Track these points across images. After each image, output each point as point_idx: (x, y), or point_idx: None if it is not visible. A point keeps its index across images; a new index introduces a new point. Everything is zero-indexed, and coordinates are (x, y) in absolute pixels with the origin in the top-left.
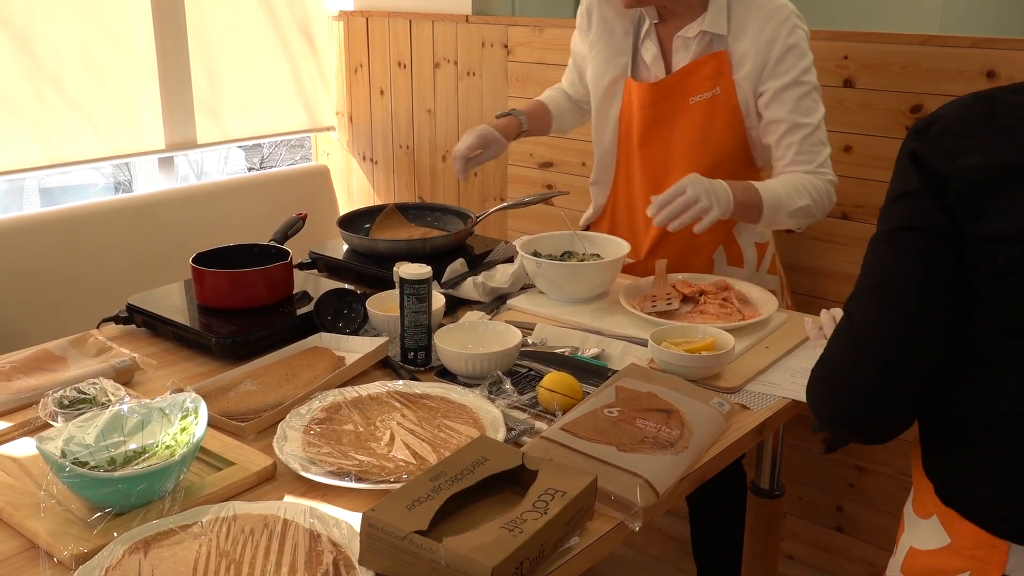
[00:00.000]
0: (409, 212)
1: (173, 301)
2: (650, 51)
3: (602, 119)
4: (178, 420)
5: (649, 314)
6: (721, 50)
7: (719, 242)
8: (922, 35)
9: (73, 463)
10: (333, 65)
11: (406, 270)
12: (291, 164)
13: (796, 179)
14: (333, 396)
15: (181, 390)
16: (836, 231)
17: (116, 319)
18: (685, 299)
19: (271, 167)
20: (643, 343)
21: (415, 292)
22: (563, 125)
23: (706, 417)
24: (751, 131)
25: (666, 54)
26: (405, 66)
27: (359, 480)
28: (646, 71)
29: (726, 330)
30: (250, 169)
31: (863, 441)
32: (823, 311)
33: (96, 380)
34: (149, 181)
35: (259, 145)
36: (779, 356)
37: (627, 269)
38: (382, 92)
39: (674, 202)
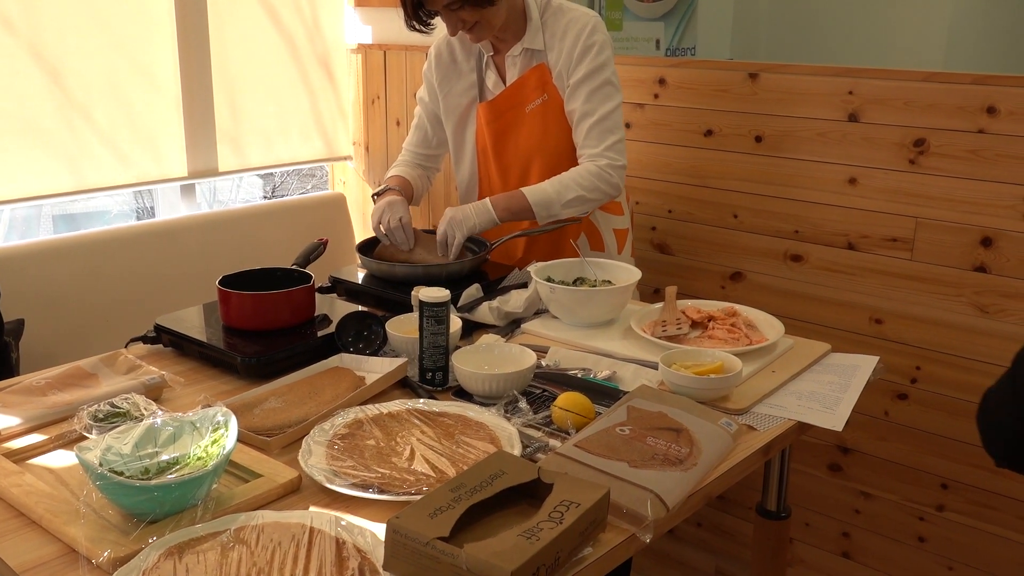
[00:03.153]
0: (426, 236)
1: (199, 322)
2: (491, 78)
3: (460, 144)
4: (209, 433)
5: (659, 338)
6: (541, 62)
7: (581, 230)
8: (925, 72)
9: (110, 472)
10: (351, 96)
11: (426, 293)
12: (303, 192)
13: (568, 175)
14: (355, 413)
15: (210, 405)
16: (842, 261)
17: (144, 339)
18: (694, 324)
19: (283, 195)
20: (654, 366)
21: (434, 314)
22: (419, 196)
23: (714, 436)
24: None
25: (503, 77)
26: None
27: (381, 492)
28: (490, 95)
29: (734, 354)
30: (263, 197)
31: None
32: None
33: (128, 395)
34: (171, 208)
35: (271, 174)
36: (785, 380)
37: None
38: (398, 123)
39: (445, 244)
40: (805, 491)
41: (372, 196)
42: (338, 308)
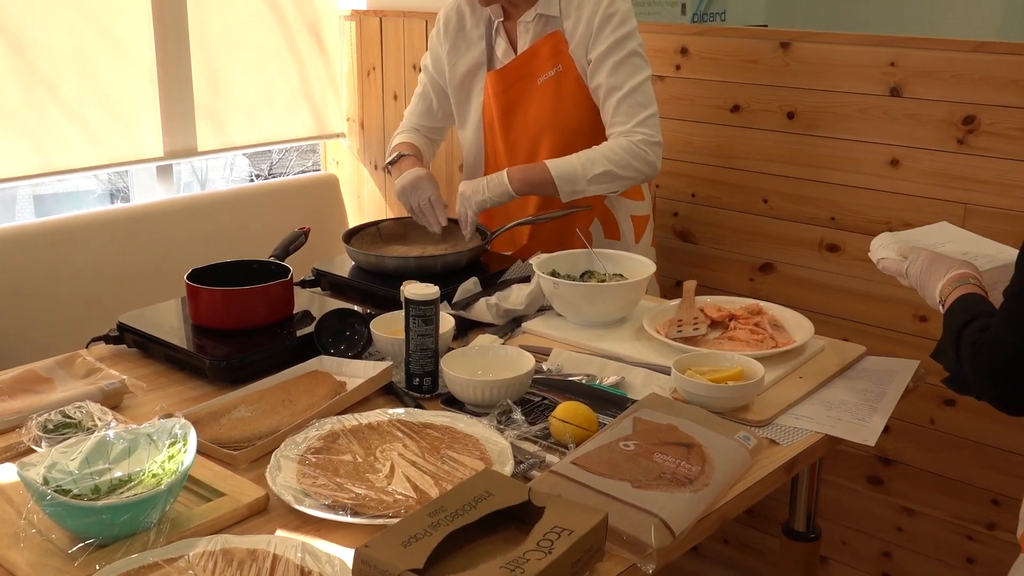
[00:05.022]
0: (421, 227)
1: (167, 320)
2: (501, 45)
3: (464, 117)
4: (166, 447)
5: (674, 340)
6: (556, 30)
7: (594, 216)
8: (975, 41)
9: (55, 491)
10: (344, 67)
11: (412, 290)
12: (302, 171)
13: (597, 148)
14: (332, 424)
15: (170, 415)
16: None
17: (106, 338)
18: (714, 324)
19: (280, 174)
20: (667, 371)
21: (421, 314)
22: (427, 163)
23: (730, 452)
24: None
25: (514, 45)
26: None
27: (355, 514)
28: (499, 64)
29: (756, 358)
30: (257, 176)
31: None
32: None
33: (82, 403)
34: (147, 191)
35: (268, 151)
36: (813, 387)
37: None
38: (396, 96)
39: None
40: (841, 506)
41: (385, 167)
42: (323, 305)
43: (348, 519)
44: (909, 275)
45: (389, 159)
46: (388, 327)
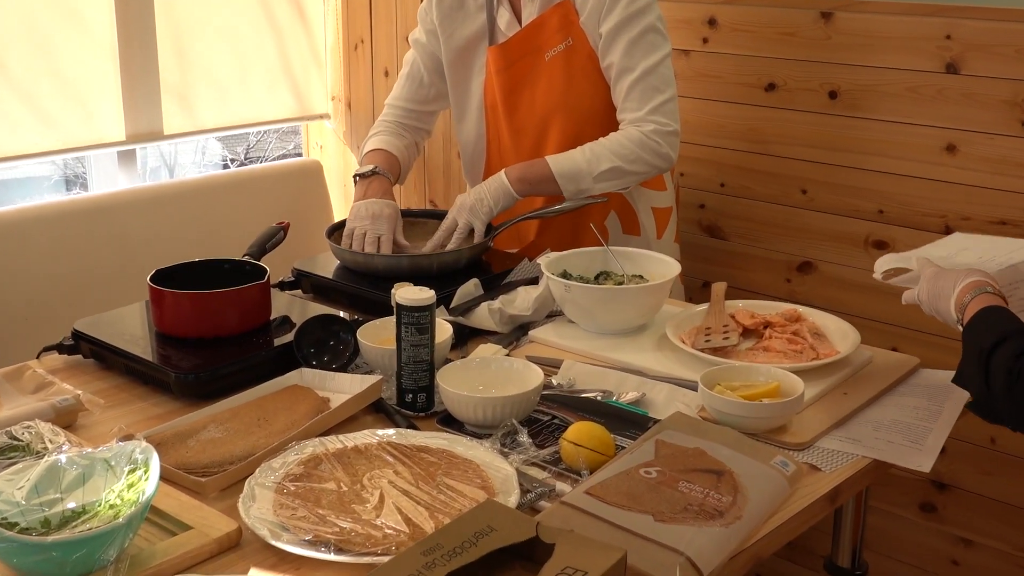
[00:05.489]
0: (416, 221)
1: (129, 327)
2: (504, 16)
3: (464, 98)
4: (125, 474)
5: (701, 350)
6: None
7: (610, 208)
8: None
9: (0, 524)
10: (328, 41)
11: (404, 294)
12: (282, 155)
13: (603, 142)
14: (313, 447)
15: (131, 437)
16: None
17: (59, 348)
18: (746, 332)
19: (258, 159)
20: (693, 386)
21: (415, 321)
22: (405, 174)
23: (765, 480)
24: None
25: (519, 16)
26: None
27: (339, 551)
28: (503, 38)
29: (795, 371)
30: (232, 161)
31: None
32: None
33: (31, 423)
34: (107, 178)
35: (246, 133)
36: (860, 405)
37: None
38: (387, 73)
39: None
40: (890, 536)
41: (354, 177)
42: (305, 310)
43: (331, 557)
44: (922, 303)
45: (361, 171)
46: (377, 336)
